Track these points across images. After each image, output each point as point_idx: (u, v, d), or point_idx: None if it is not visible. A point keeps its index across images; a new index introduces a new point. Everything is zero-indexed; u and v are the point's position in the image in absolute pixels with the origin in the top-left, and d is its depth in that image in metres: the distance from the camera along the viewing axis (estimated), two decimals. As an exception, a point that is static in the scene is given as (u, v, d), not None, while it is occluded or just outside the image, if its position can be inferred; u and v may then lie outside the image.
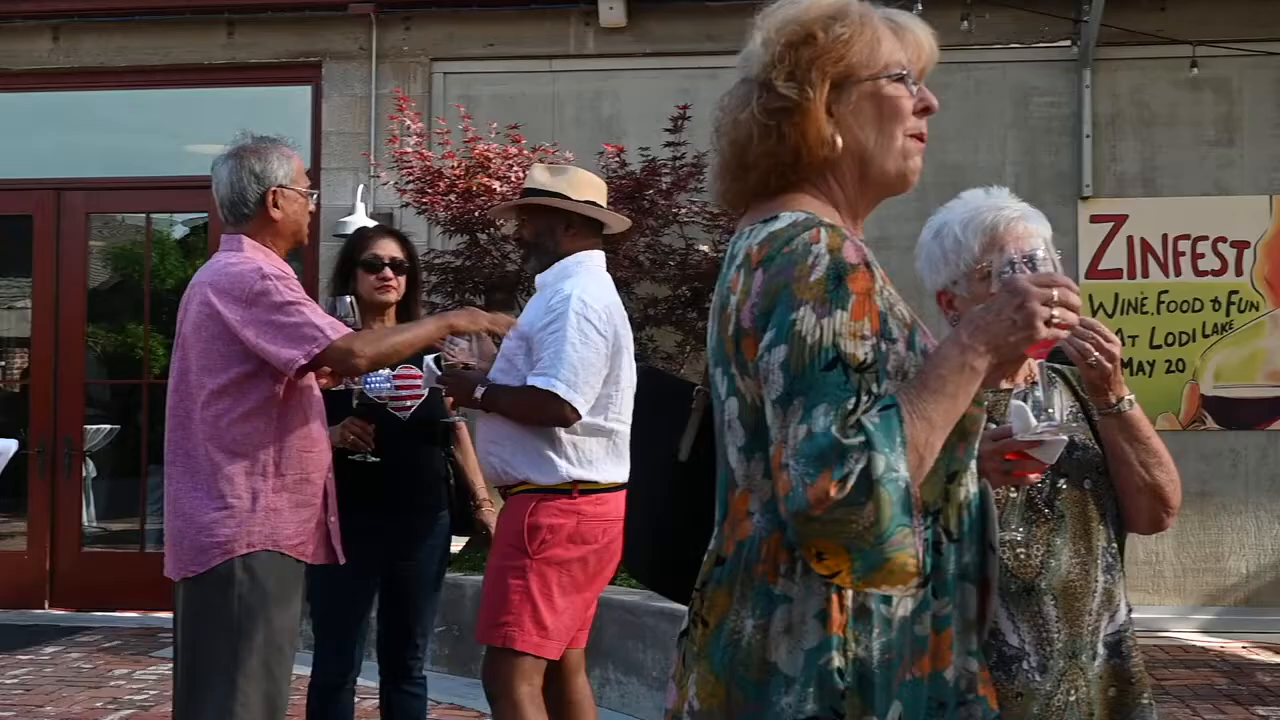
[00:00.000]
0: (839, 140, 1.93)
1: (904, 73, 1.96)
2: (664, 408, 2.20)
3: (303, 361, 3.61)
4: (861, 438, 1.68)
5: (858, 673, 1.78)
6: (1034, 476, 2.31)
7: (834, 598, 1.78)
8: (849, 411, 1.70)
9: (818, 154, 1.93)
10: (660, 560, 2.20)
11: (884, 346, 1.79)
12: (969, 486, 1.94)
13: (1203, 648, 7.82)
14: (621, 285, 7.26)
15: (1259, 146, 8.44)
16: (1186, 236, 8.42)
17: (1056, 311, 1.86)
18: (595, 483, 4.15)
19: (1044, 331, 1.86)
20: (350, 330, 3.80)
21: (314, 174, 7.94)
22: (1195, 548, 8.38)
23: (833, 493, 1.66)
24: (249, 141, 3.89)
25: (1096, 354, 2.41)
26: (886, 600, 1.81)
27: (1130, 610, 2.59)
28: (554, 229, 4.32)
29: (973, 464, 1.95)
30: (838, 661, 1.77)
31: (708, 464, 2.04)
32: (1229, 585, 8.39)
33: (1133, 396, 2.48)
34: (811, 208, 1.93)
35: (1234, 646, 7.81)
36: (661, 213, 7.68)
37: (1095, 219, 8.48)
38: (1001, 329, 1.85)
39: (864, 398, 1.72)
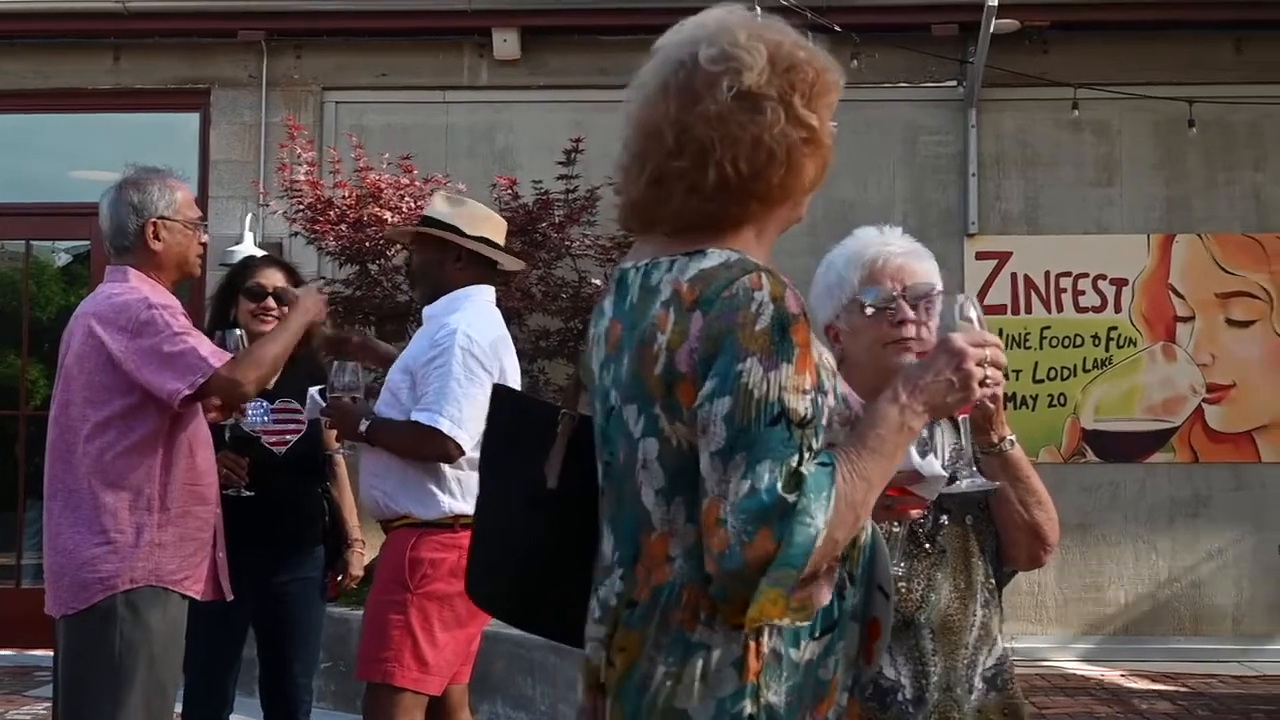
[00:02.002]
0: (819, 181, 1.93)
1: (834, 127, 1.96)
2: (522, 431, 2.12)
3: (187, 392, 3.55)
4: (803, 498, 1.68)
5: (768, 719, 1.79)
6: (915, 512, 2.33)
7: (751, 645, 1.78)
8: (793, 469, 1.69)
9: (808, 191, 1.93)
10: (512, 591, 2.12)
11: (820, 400, 1.78)
12: (868, 528, 1.95)
13: (1083, 676, 7.97)
14: (513, 317, 7.26)
15: (1137, 187, 8.68)
16: (1068, 274, 8.62)
17: (990, 372, 1.90)
18: None
19: (978, 392, 1.90)
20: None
21: (201, 203, 7.80)
22: (1076, 578, 8.55)
23: (771, 551, 1.66)
24: (132, 173, 3.83)
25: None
26: (795, 645, 1.82)
27: (1008, 642, 2.62)
28: (443, 261, 4.28)
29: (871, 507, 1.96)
30: (750, 709, 1.78)
31: (571, 492, 2.00)
32: (1108, 614, 8.57)
33: (1014, 436, 2.52)
34: (740, 244, 1.89)
35: (1113, 675, 7.97)
36: (554, 245, 7.69)
37: (980, 256, 8.65)
38: (940, 390, 1.88)
39: (806, 454, 1.72)
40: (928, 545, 2.50)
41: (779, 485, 1.67)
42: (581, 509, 2.00)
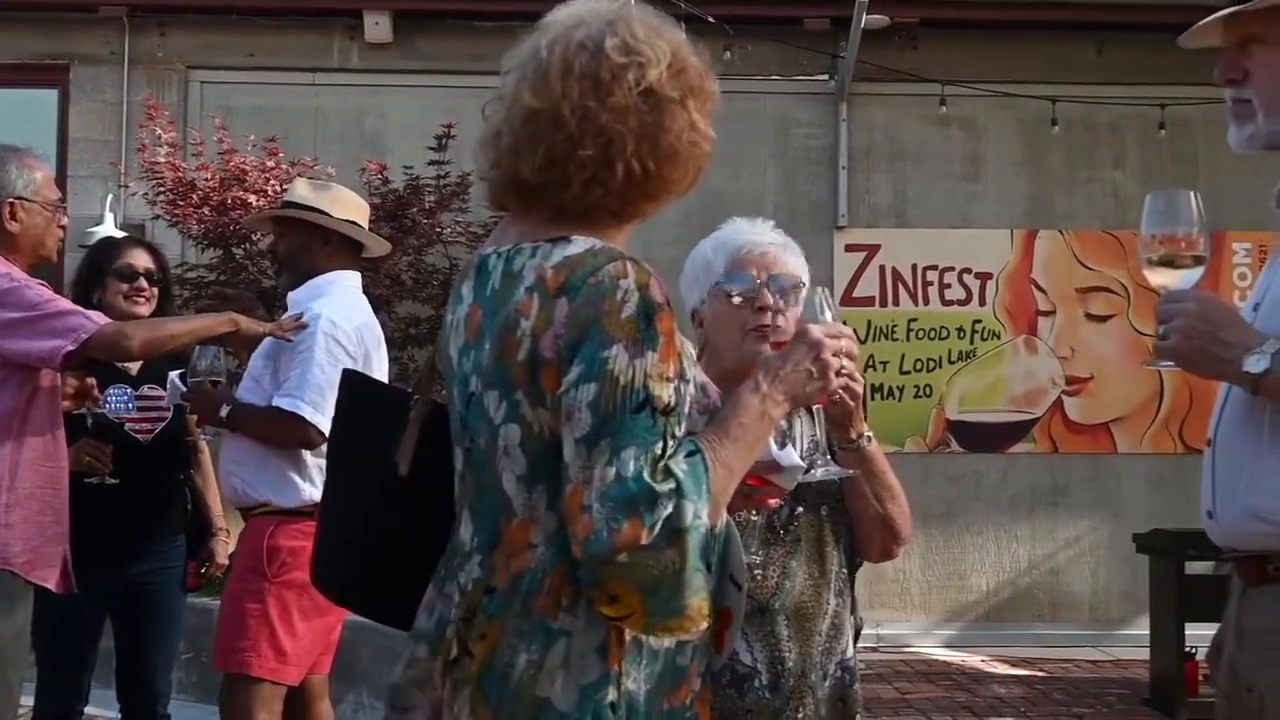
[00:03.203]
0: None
1: None
2: (372, 417, 2.09)
3: (70, 347, 3.44)
4: (671, 484, 1.67)
5: (628, 706, 1.79)
6: (774, 502, 2.35)
7: (614, 632, 1.77)
8: (658, 456, 1.69)
9: (689, 186, 1.93)
10: (358, 578, 2.08)
11: (682, 388, 1.78)
12: (723, 517, 1.95)
13: (945, 661, 8.13)
14: (383, 304, 7.18)
15: (1002, 182, 8.86)
16: (935, 267, 8.78)
17: (845, 362, 1.92)
18: None
19: (835, 382, 1.92)
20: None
21: (60, 182, 7.56)
22: (940, 566, 8.72)
23: (642, 539, 1.64)
24: None
25: (843, 392, 2.48)
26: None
27: (872, 628, 2.66)
28: (310, 245, 4.21)
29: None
30: (612, 696, 1.77)
31: (423, 478, 1.98)
32: (971, 601, 8.75)
33: (871, 433, 2.56)
34: (602, 232, 1.89)
35: (974, 660, 8.15)
36: (424, 231, 7.62)
37: (850, 248, 8.76)
38: (799, 379, 1.90)
39: (670, 441, 1.71)
40: (784, 533, 2.52)
41: (645, 472, 1.67)
42: (432, 496, 1.97)
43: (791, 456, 2.27)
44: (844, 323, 2.06)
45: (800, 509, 2.53)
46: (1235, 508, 2.15)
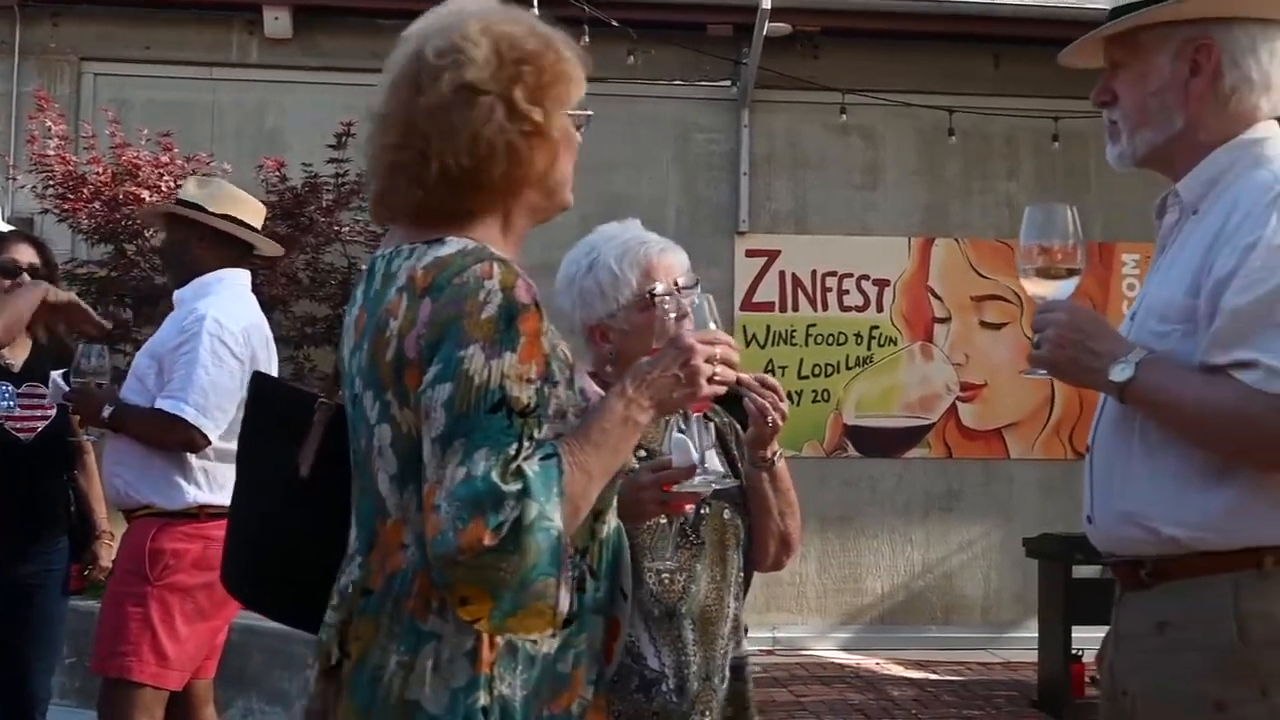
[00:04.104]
0: (555, 171, 1.93)
1: (588, 114, 1.99)
2: (278, 418, 2.09)
3: None
4: (519, 485, 1.67)
5: (502, 711, 1.77)
6: (689, 507, 2.42)
7: (484, 636, 1.77)
8: (510, 457, 1.68)
9: (539, 181, 1.92)
10: (262, 577, 2.07)
11: (547, 390, 1.77)
12: (610, 523, 1.96)
13: (840, 664, 8.21)
14: (279, 303, 7.10)
15: (899, 191, 8.98)
16: (833, 273, 8.87)
17: (719, 369, 1.92)
18: (225, 507, 3.99)
19: (706, 388, 1.91)
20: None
21: (-56, 174, 7.39)
22: (836, 569, 8.80)
23: (485, 540, 1.63)
24: None
25: (774, 414, 2.53)
26: (533, 638, 1.80)
27: (768, 631, 2.71)
28: (188, 242, 4.17)
29: (615, 500, 1.97)
30: (484, 700, 1.76)
31: (324, 480, 1.97)
32: (866, 604, 8.86)
33: (780, 450, 2.61)
34: (480, 234, 1.89)
35: (869, 663, 8.24)
36: (322, 230, 7.54)
37: (750, 253, 8.82)
38: (666, 385, 1.89)
39: (526, 443, 1.71)
40: (692, 536, 2.55)
41: (494, 473, 1.66)
42: (335, 498, 1.97)
43: (714, 462, 2.31)
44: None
45: (705, 509, 2.56)
46: (1111, 513, 2.20)
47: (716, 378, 1.93)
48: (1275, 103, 2.21)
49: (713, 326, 2.03)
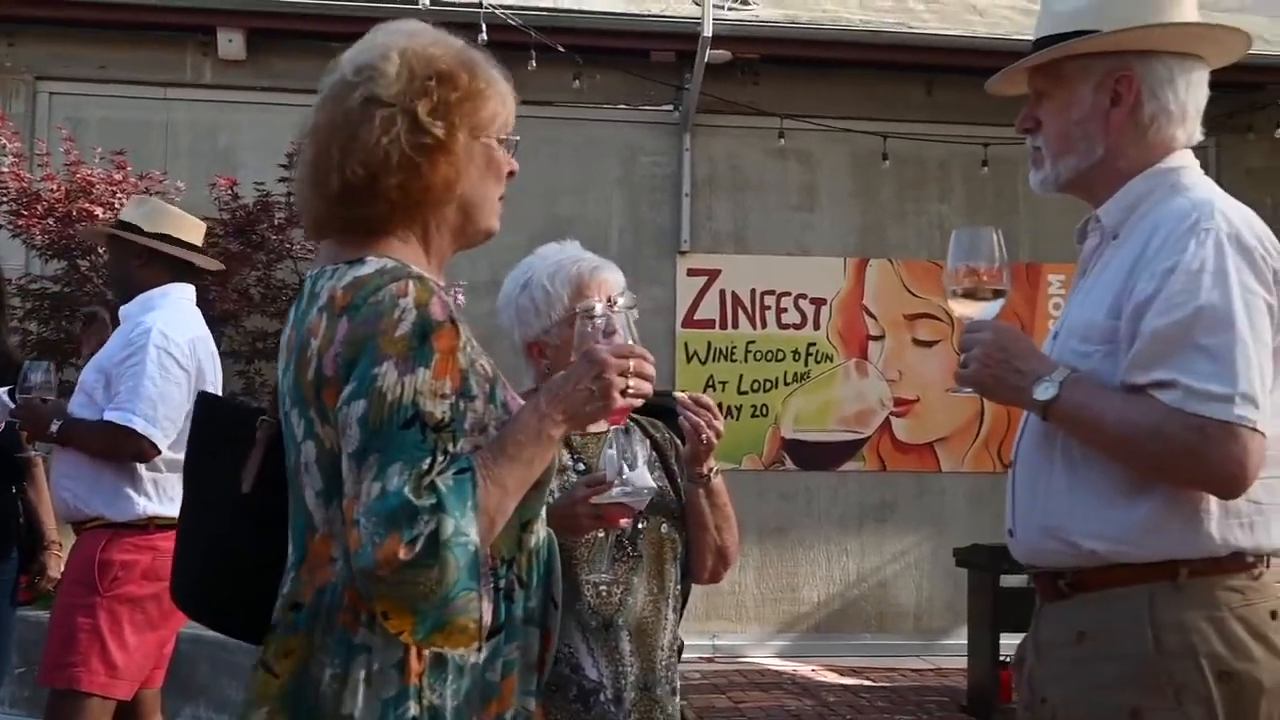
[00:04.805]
0: (459, 188, 1.91)
1: (514, 139, 1.98)
2: (223, 436, 2.05)
3: None
4: (433, 500, 1.65)
5: None
6: (624, 521, 2.41)
7: (413, 648, 1.75)
8: (424, 472, 1.66)
9: (443, 197, 1.90)
10: (210, 592, 2.03)
11: (463, 405, 1.76)
12: (539, 533, 1.94)
13: (778, 671, 8.22)
14: (231, 318, 7.03)
15: (835, 213, 9.03)
16: (772, 292, 8.89)
17: (632, 382, 1.90)
18: (175, 519, 3.94)
19: (619, 401, 1.89)
20: None
21: (-102, 189, 7.25)
22: (774, 579, 8.82)
23: (401, 554, 1.62)
24: None
25: (709, 432, 2.53)
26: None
27: (707, 639, 2.70)
28: (127, 261, 4.16)
29: (543, 511, 1.96)
30: (414, 711, 1.74)
31: (268, 497, 1.94)
32: (803, 613, 8.87)
33: (717, 467, 2.60)
34: (401, 253, 1.88)
35: (805, 669, 8.25)
36: (274, 247, 7.47)
37: (691, 272, 8.83)
38: (579, 399, 1.87)
39: (440, 458, 1.69)
40: (630, 549, 2.54)
41: (407, 488, 1.64)
42: (278, 513, 1.94)
43: (644, 477, 2.30)
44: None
45: (643, 524, 2.56)
46: (1031, 526, 2.21)
47: (630, 391, 1.91)
48: (1191, 133, 2.24)
49: (629, 340, 2.00)
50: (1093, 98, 2.21)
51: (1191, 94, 2.22)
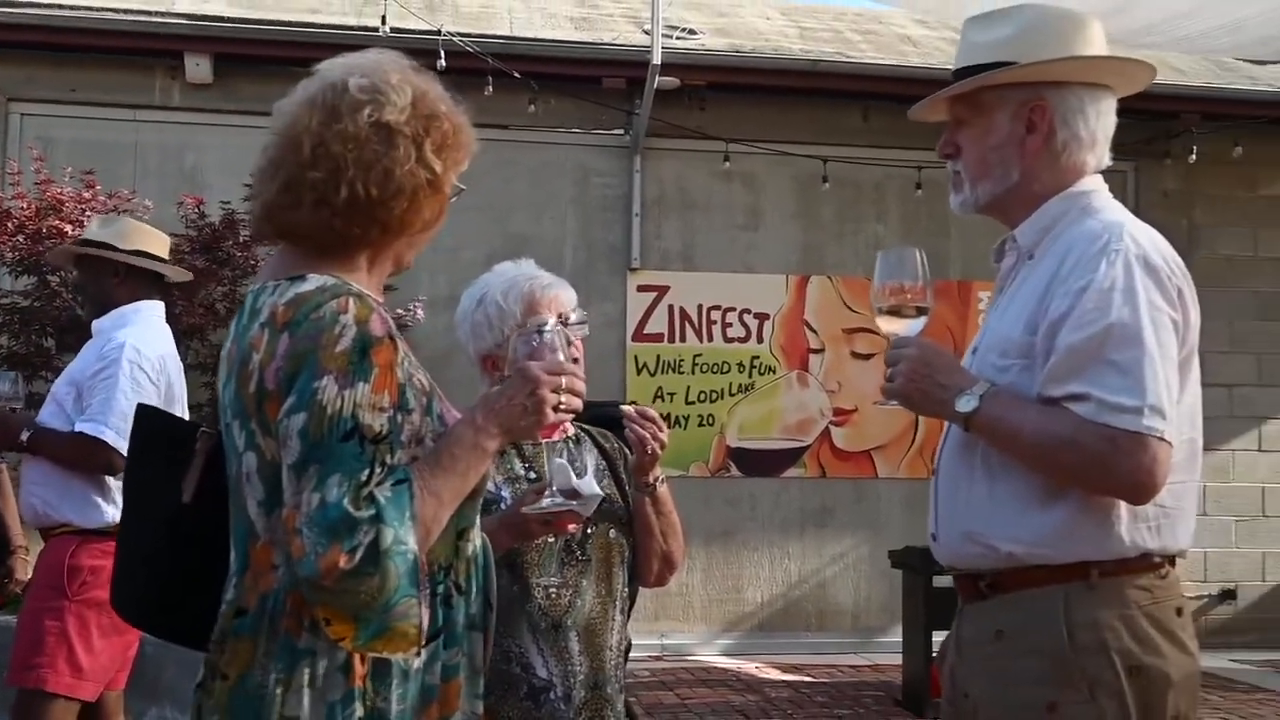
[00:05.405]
0: (437, 226, 1.91)
1: (460, 188, 1.97)
2: (163, 447, 2.03)
3: None
4: (372, 511, 1.64)
5: None
6: (572, 527, 2.41)
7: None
8: (362, 483, 1.65)
9: (423, 231, 1.90)
10: (152, 601, 2.01)
11: (400, 418, 1.75)
12: (475, 541, 1.93)
13: (723, 668, 8.22)
14: (197, 331, 6.96)
15: (778, 232, 9.06)
16: (718, 307, 8.91)
17: (564, 398, 1.91)
18: None
19: (551, 417, 1.89)
20: None
21: None
22: (719, 580, 8.82)
23: (342, 564, 1.61)
24: None
25: (653, 443, 2.54)
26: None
27: (656, 639, 2.71)
28: (101, 279, 4.11)
29: (478, 519, 1.95)
30: (360, 712, 1.73)
31: (208, 507, 1.92)
32: (747, 613, 8.88)
33: (663, 476, 2.61)
34: (346, 269, 1.86)
35: (749, 667, 8.26)
36: (239, 264, 7.39)
37: (641, 289, 8.83)
38: (514, 414, 1.87)
39: (378, 469, 1.68)
40: (578, 553, 2.55)
41: (346, 499, 1.64)
42: (217, 524, 1.92)
43: (591, 485, 2.30)
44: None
45: (591, 529, 2.57)
46: (953, 531, 2.23)
47: (562, 407, 1.91)
48: (1100, 158, 2.28)
49: (561, 358, 2.00)
50: (1009, 126, 2.24)
51: (1101, 122, 2.25)
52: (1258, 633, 9.20)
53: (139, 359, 3.92)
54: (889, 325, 2.25)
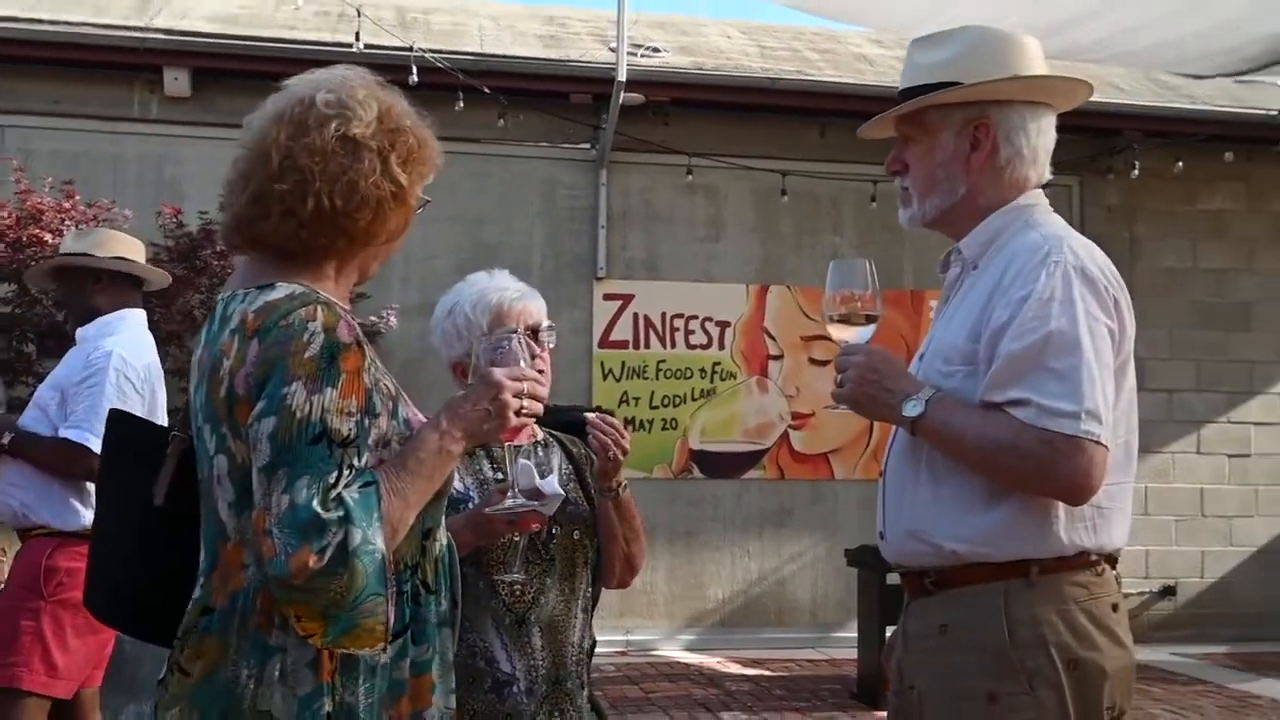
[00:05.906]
0: (401, 238, 1.91)
1: (426, 200, 1.97)
2: (135, 451, 2.02)
3: None
4: (341, 512, 1.64)
5: (345, 716, 1.74)
6: (535, 526, 2.42)
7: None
8: (331, 485, 1.65)
9: (387, 242, 1.89)
10: (125, 601, 2.00)
11: (367, 421, 1.75)
12: (441, 541, 1.93)
13: (686, 663, 8.22)
14: (175, 338, 6.90)
15: (739, 243, 9.09)
16: (681, 315, 8.92)
17: (526, 402, 1.91)
18: None
19: (513, 421, 1.90)
20: None
21: None
22: (683, 578, 8.82)
23: (311, 564, 1.61)
24: None
25: (615, 449, 2.54)
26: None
27: (621, 634, 2.71)
28: (83, 288, 4.07)
29: (443, 519, 1.95)
30: (328, 707, 1.73)
31: (179, 509, 1.91)
32: (709, 609, 8.88)
33: (627, 482, 2.62)
34: (314, 277, 1.86)
35: (711, 662, 8.26)
36: (216, 272, 7.34)
37: (607, 297, 8.83)
38: (477, 418, 1.87)
39: (346, 472, 1.68)
40: (543, 552, 2.55)
41: (315, 501, 1.64)
42: (188, 526, 1.91)
43: (553, 486, 2.31)
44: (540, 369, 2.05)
45: (557, 529, 2.57)
46: (900, 530, 2.25)
47: (524, 411, 1.92)
48: (1041, 173, 2.30)
49: (521, 363, 2.00)
50: (954, 143, 2.26)
51: (1042, 138, 2.27)
52: (1196, 627, 9.29)
53: (125, 368, 3.88)
54: (839, 333, 2.27)
